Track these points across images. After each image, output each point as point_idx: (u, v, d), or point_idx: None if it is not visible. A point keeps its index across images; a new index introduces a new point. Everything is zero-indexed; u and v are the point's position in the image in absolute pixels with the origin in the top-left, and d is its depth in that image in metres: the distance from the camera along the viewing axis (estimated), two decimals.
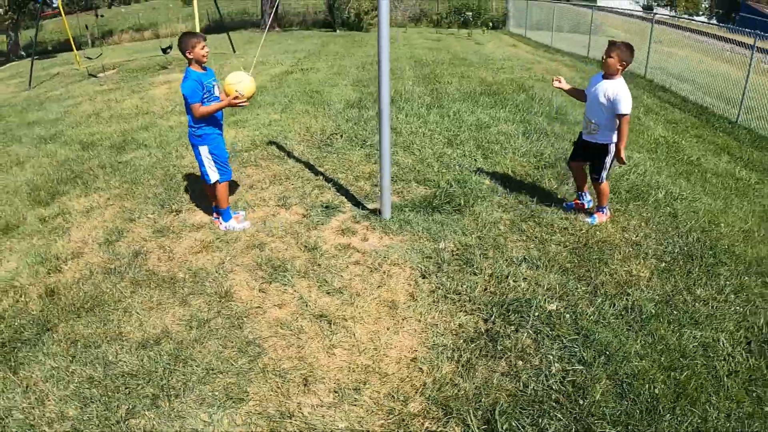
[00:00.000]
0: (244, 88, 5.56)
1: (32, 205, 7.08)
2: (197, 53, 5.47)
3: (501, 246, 5.54)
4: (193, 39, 5.50)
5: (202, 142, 5.69)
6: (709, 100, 13.54)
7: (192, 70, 5.50)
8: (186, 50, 5.48)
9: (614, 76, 5.69)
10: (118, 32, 36.41)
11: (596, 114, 5.83)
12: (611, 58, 5.60)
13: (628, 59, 5.62)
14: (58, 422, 3.54)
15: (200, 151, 5.73)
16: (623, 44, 5.65)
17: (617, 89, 5.58)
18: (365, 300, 4.69)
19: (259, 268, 5.23)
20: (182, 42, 5.52)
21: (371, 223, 6.04)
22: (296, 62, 17.80)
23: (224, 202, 5.95)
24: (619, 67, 5.61)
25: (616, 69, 5.63)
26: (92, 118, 11.65)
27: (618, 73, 5.67)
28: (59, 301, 4.85)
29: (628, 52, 5.61)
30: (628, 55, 5.60)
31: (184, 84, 5.45)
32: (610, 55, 5.61)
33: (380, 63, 5.50)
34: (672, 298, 4.79)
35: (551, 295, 4.71)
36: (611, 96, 5.60)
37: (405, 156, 8.12)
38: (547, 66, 17.57)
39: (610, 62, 5.62)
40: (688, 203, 6.86)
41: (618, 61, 5.59)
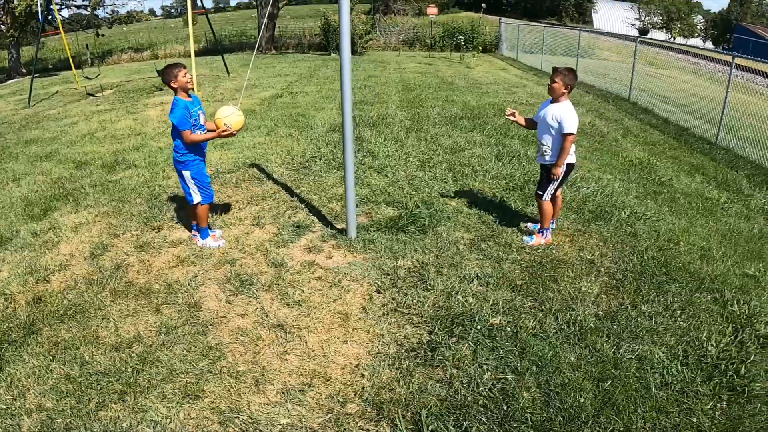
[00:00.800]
0: (233, 123, 5.90)
1: (26, 220, 7.44)
2: (181, 82, 5.81)
3: (457, 264, 5.87)
4: (174, 69, 5.83)
5: (185, 168, 6.05)
6: (691, 121, 13.73)
7: (179, 99, 5.85)
8: (170, 81, 5.83)
9: (560, 99, 5.98)
10: (117, 52, 36.74)
11: (545, 136, 6.13)
12: (555, 83, 5.91)
13: (571, 82, 5.92)
14: (36, 412, 3.93)
15: (183, 176, 6.09)
16: (566, 69, 5.96)
17: (563, 110, 5.89)
18: (321, 312, 5.03)
19: (228, 281, 5.58)
20: (165, 74, 5.87)
21: (337, 242, 6.39)
22: (287, 86, 18.17)
23: (203, 222, 6.35)
24: (563, 90, 5.92)
25: (561, 92, 5.93)
26: (87, 137, 11.99)
27: (564, 96, 5.97)
28: (45, 308, 5.25)
29: (571, 76, 5.92)
30: (571, 78, 5.92)
31: (173, 113, 5.79)
32: (554, 80, 5.92)
33: (343, 86, 5.83)
34: (616, 313, 5.04)
35: (496, 310, 5.02)
36: (558, 117, 5.90)
37: (378, 178, 8.48)
38: (533, 89, 17.94)
39: (554, 87, 5.92)
40: (650, 223, 7.09)
41: (561, 85, 5.90)
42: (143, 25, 66.68)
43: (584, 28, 29.08)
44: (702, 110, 13.92)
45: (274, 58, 28.95)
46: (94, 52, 33.01)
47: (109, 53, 35.90)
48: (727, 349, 4.60)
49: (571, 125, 5.85)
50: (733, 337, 4.76)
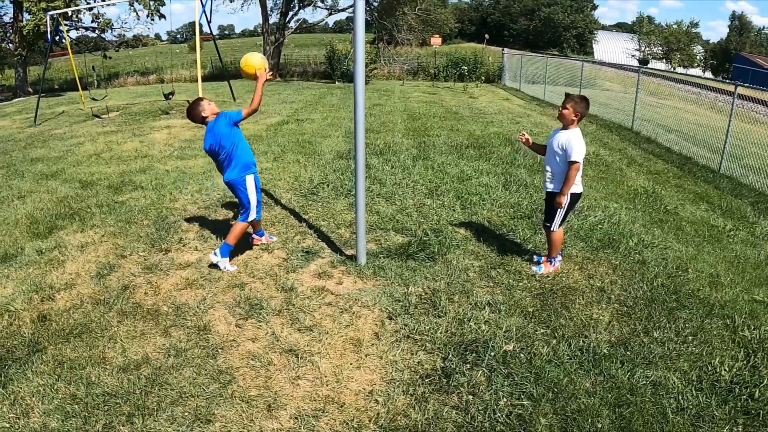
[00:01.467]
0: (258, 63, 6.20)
1: (31, 238, 7.45)
2: (209, 109, 6.12)
3: (468, 291, 5.84)
4: (199, 105, 6.11)
5: (250, 172, 6.26)
6: (694, 150, 13.78)
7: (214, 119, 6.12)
8: (202, 113, 6.10)
9: (570, 126, 5.91)
10: (123, 74, 37.07)
11: (551, 163, 6.08)
12: (566, 109, 5.84)
13: (582, 110, 5.85)
14: None
15: (247, 184, 6.23)
16: (578, 96, 5.91)
17: (570, 138, 5.82)
18: (332, 337, 4.99)
19: (238, 305, 5.55)
20: (195, 110, 6.12)
21: (347, 268, 6.36)
22: (293, 113, 18.30)
23: (235, 239, 6.36)
24: (573, 117, 5.84)
25: (571, 120, 5.85)
26: (93, 158, 12.11)
27: (573, 123, 5.88)
28: (50, 326, 5.21)
29: (583, 104, 5.86)
30: (582, 106, 5.84)
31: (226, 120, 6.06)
32: (564, 106, 5.86)
33: (356, 118, 5.89)
34: (628, 340, 5.01)
35: (509, 337, 4.98)
36: (564, 144, 5.84)
37: (386, 206, 8.47)
38: (537, 119, 18.05)
39: (564, 113, 5.86)
40: (658, 251, 7.08)
41: (572, 112, 5.82)
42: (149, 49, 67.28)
43: (586, 59, 29.19)
44: (705, 139, 13.99)
45: (279, 85, 29.17)
46: (100, 74, 33.25)
47: (115, 76, 36.25)
48: (740, 373, 4.58)
49: (577, 153, 5.78)
50: (745, 362, 4.74)
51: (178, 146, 13.08)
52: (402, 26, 37.18)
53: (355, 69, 5.76)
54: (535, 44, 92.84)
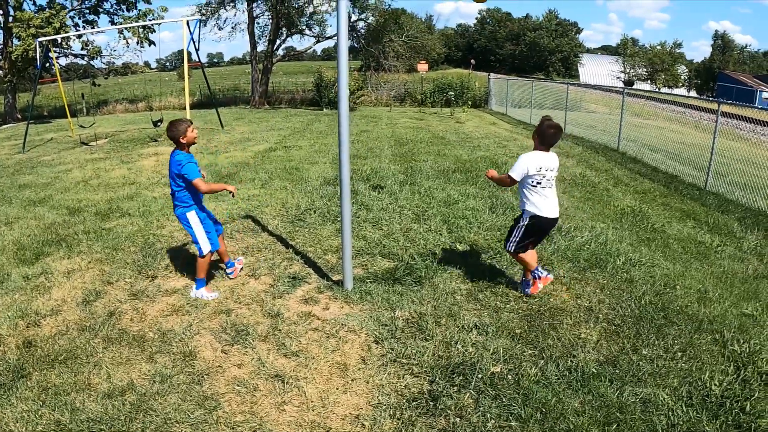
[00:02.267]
0: None
1: (17, 264, 7.43)
2: (190, 137, 5.98)
3: (455, 314, 5.82)
4: (183, 125, 5.97)
5: (190, 209, 6.15)
6: (680, 168, 13.86)
7: (186, 153, 5.99)
8: (180, 137, 5.92)
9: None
10: (112, 102, 37.20)
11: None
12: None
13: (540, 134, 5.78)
14: None
15: (190, 220, 6.14)
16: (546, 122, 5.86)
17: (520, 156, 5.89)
18: (319, 362, 4.95)
19: (224, 331, 5.51)
20: (175, 129, 5.95)
21: (334, 293, 6.34)
22: (281, 139, 18.36)
23: (203, 273, 6.30)
24: (533, 140, 5.91)
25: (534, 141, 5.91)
26: (81, 185, 12.13)
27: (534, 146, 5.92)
28: (35, 352, 5.18)
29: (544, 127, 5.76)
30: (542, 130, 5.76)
31: (187, 167, 5.89)
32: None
33: (340, 142, 5.88)
34: (617, 358, 5.00)
35: (497, 359, 4.95)
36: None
37: (373, 231, 8.47)
38: (523, 142, 18.11)
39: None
40: (646, 269, 7.09)
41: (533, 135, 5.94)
42: (138, 77, 67.50)
43: (572, 82, 29.41)
44: (690, 157, 14.07)
45: (267, 113, 29.30)
46: (89, 101, 33.34)
47: (104, 103, 36.37)
48: (730, 387, 4.58)
49: (514, 167, 5.84)
50: (735, 376, 4.75)
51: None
52: (389, 53, 37.40)
53: (339, 93, 5.75)
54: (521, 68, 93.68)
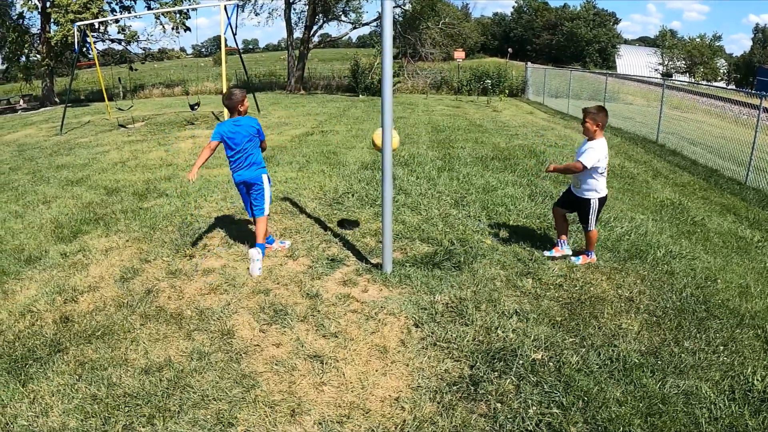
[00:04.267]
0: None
1: (55, 241, 7.55)
2: (246, 106, 6.40)
3: (495, 300, 5.75)
4: (241, 93, 6.42)
5: (264, 171, 6.72)
6: (719, 162, 13.64)
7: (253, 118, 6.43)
8: (239, 104, 6.29)
9: (594, 137, 6.25)
10: (149, 86, 37.48)
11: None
12: (586, 122, 6.21)
13: (602, 120, 6.20)
14: (59, 431, 3.85)
15: (263, 181, 6.63)
16: (594, 108, 6.23)
17: (590, 145, 6.22)
18: (358, 344, 4.93)
19: (262, 311, 5.51)
20: (235, 96, 6.32)
21: (373, 276, 6.30)
22: (317, 124, 18.36)
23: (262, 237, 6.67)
24: (595, 128, 6.19)
25: (594, 130, 6.20)
26: (118, 165, 12.29)
27: (596, 134, 6.24)
28: (72, 328, 5.25)
29: (602, 114, 6.20)
30: (601, 116, 6.19)
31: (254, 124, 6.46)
32: (585, 120, 6.23)
33: (383, 126, 5.82)
34: (659, 349, 4.90)
35: (538, 345, 4.88)
36: (583, 149, 6.25)
37: (412, 216, 8.41)
38: (561, 132, 17.94)
39: (586, 126, 6.25)
40: (686, 261, 6.96)
41: (592, 123, 6.17)
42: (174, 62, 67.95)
43: (610, 73, 29.01)
44: (730, 152, 13.82)
45: (303, 98, 29.34)
46: (126, 85, 33.68)
47: (141, 87, 36.65)
48: None
49: (588, 159, 6.19)
50: None
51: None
52: (426, 40, 37.18)
53: (383, 71, 5.69)
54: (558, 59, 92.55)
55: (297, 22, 37.52)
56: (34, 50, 31.44)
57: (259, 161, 6.58)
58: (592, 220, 6.55)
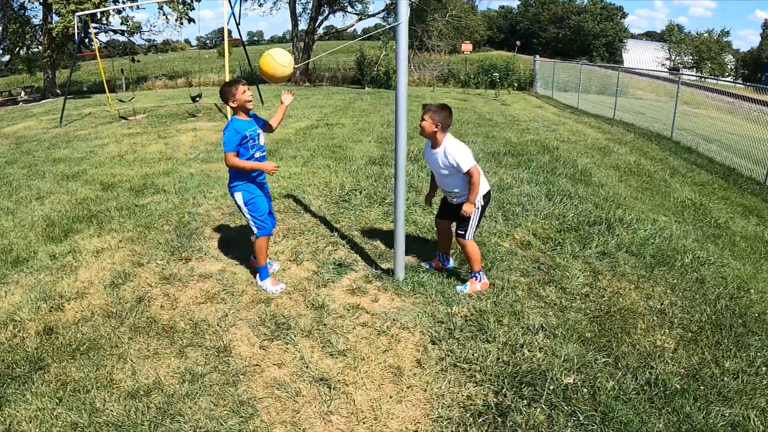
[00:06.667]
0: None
1: (45, 241, 7.13)
2: (240, 99, 5.29)
3: (518, 312, 5.25)
4: (231, 87, 5.31)
5: (237, 189, 5.52)
6: (736, 161, 13.33)
7: (236, 119, 5.35)
8: (228, 100, 5.32)
9: (439, 141, 5.35)
10: (152, 78, 37.20)
11: (449, 184, 5.54)
12: (424, 121, 5.28)
13: (443, 120, 5.26)
14: None
15: (236, 199, 5.56)
16: (435, 106, 5.28)
17: (450, 151, 5.26)
18: (369, 364, 4.43)
19: (263, 323, 5.03)
20: (223, 93, 5.35)
21: (383, 284, 5.81)
22: (322, 117, 17.89)
23: (261, 259, 5.70)
24: (434, 129, 5.25)
25: (432, 131, 5.29)
26: (116, 159, 11.91)
27: (440, 137, 5.32)
28: (56, 341, 4.79)
29: (443, 114, 5.26)
30: (442, 116, 5.25)
31: (225, 131, 5.26)
32: (423, 118, 5.29)
33: (397, 118, 5.34)
34: (699, 371, 4.44)
35: (568, 367, 4.40)
36: (447, 162, 5.29)
37: (423, 215, 7.92)
38: (573, 127, 17.48)
39: (423, 125, 5.29)
40: (715, 268, 6.51)
41: (431, 123, 5.24)
42: (178, 54, 67.68)
43: (622, 67, 28.54)
44: (746, 150, 13.50)
45: (308, 90, 28.96)
46: (129, 77, 33.43)
47: (143, 79, 36.43)
48: None
49: (466, 161, 5.23)
50: None
51: (204, 149, 12.73)
52: (432, 32, 36.73)
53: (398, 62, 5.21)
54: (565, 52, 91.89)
55: (302, 13, 37.15)
56: (35, 41, 31.24)
57: (232, 175, 5.57)
58: (471, 229, 5.58)
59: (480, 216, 5.59)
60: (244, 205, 5.54)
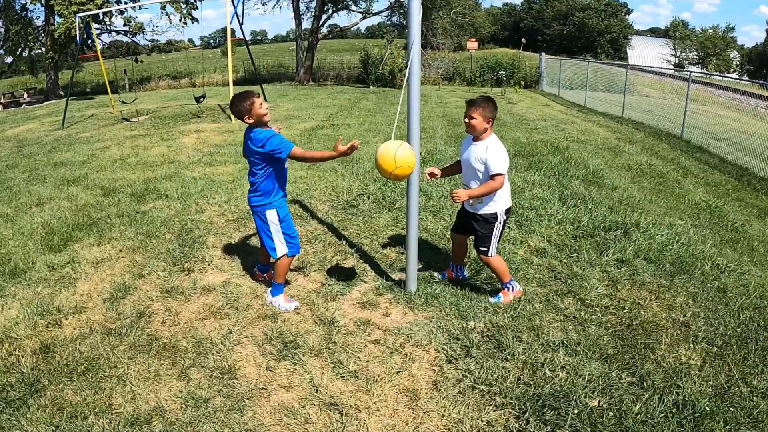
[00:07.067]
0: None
1: (44, 251, 6.94)
2: (257, 113, 4.86)
3: (536, 327, 5.00)
4: (245, 102, 4.83)
5: (270, 207, 5.15)
6: (748, 160, 13.10)
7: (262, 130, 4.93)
8: (245, 115, 4.86)
9: (483, 136, 5.09)
10: (155, 78, 37.09)
11: (472, 181, 5.24)
12: (474, 119, 5.03)
13: (493, 114, 5.04)
14: None
15: (267, 217, 5.16)
16: (482, 99, 5.05)
17: (490, 149, 5.01)
18: (383, 387, 4.18)
19: (269, 342, 4.79)
20: (237, 107, 4.86)
21: (395, 296, 5.56)
22: (327, 117, 17.68)
23: (281, 278, 5.38)
24: (485, 125, 5.03)
25: (483, 128, 5.05)
26: (118, 163, 11.76)
27: (486, 132, 5.08)
28: (53, 360, 4.57)
29: (492, 107, 5.03)
30: (491, 110, 5.02)
31: (269, 141, 4.81)
32: (471, 116, 5.04)
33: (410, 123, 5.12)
34: (727, 390, 4.18)
35: (592, 388, 4.14)
36: (484, 158, 5.01)
37: (434, 221, 7.68)
38: (581, 126, 17.21)
39: (474, 124, 5.04)
40: (736, 276, 6.24)
41: (483, 120, 5.01)
42: (182, 54, 67.64)
43: (630, 65, 28.25)
44: (757, 148, 13.28)
45: (312, 89, 28.75)
46: (132, 78, 33.35)
47: (147, 79, 36.32)
48: None
49: (500, 164, 4.97)
50: None
51: (207, 151, 12.53)
52: (437, 30, 36.46)
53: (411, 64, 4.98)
54: (569, 49, 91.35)
55: (305, 12, 36.91)
56: (38, 43, 31.15)
57: (264, 189, 5.11)
58: (492, 244, 5.35)
59: (501, 231, 5.37)
60: (279, 222, 5.20)
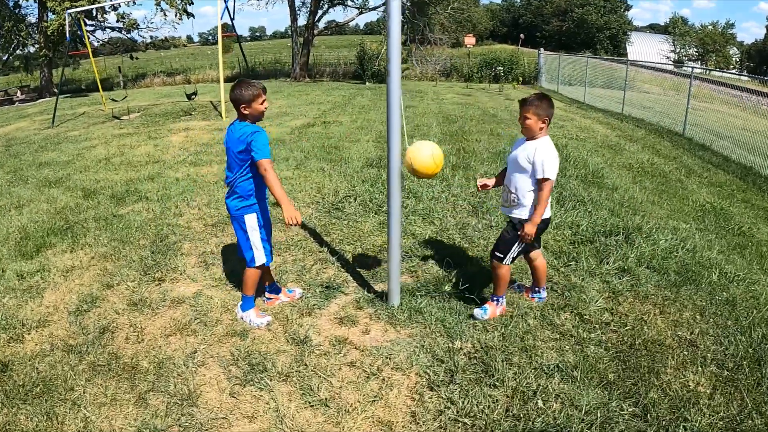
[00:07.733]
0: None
1: (16, 257, 6.66)
2: (257, 108, 4.48)
3: (529, 348, 4.55)
4: (253, 90, 4.44)
5: (250, 210, 4.71)
6: (751, 159, 12.77)
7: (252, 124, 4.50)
8: (242, 104, 4.43)
9: (537, 136, 4.66)
10: (150, 75, 36.77)
11: (514, 180, 4.79)
12: (528, 119, 4.63)
13: (549, 112, 4.62)
14: None
15: (246, 222, 4.72)
16: (536, 97, 4.65)
17: (540, 149, 4.59)
18: (354, 419, 3.74)
19: (235, 363, 4.37)
20: (241, 93, 4.42)
21: (376, 310, 5.12)
22: (320, 114, 17.26)
23: (252, 289, 4.96)
24: (541, 125, 4.62)
25: (539, 128, 4.65)
26: (102, 163, 11.49)
27: (542, 132, 4.66)
28: (9, 380, 4.24)
29: (546, 105, 4.62)
30: (546, 108, 4.61)
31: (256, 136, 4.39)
32: (525, 116, 4.64)
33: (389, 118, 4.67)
34: (740, 423, 3.75)
35: (590, 422, 3.68)
36: (532, 157, 4.59)
37: (423, 226, 7.25)
38: (581, 123, 16.81)
39: (529, 125, 4.63)
40: (745, 286, 5.81)
41: (537, 119, 4.60)
42: (179, 51, 67.34)
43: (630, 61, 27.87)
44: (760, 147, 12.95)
45: (308, 86, 28.35)
46: (128, 75, 33.07)
47: (142, 76, 36.01)
48: None
49: (549, 168, 4.55)
50: None
51: (194, 150, 12.15)
52: (434, 25, 36.04)
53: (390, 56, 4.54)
54: (568, 46, 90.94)
55: (301, 7, 36.46)
56: (31, 40, 30.84)
57: (243, 191, 4.68)
58: (511, 254, 4.93)
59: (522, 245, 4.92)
60: (258, 228, 4.79)
